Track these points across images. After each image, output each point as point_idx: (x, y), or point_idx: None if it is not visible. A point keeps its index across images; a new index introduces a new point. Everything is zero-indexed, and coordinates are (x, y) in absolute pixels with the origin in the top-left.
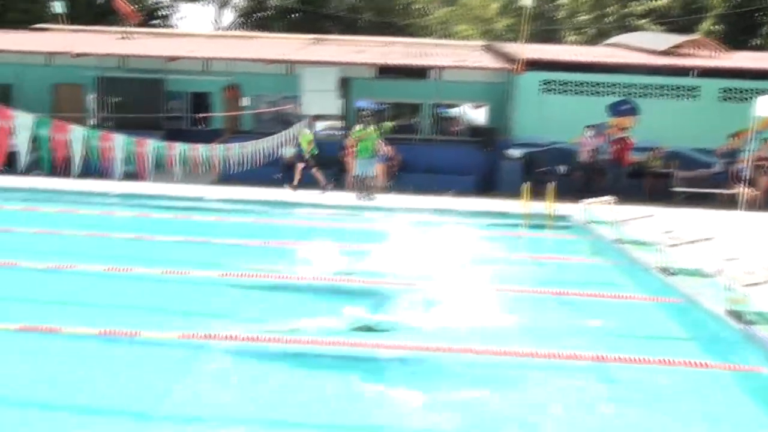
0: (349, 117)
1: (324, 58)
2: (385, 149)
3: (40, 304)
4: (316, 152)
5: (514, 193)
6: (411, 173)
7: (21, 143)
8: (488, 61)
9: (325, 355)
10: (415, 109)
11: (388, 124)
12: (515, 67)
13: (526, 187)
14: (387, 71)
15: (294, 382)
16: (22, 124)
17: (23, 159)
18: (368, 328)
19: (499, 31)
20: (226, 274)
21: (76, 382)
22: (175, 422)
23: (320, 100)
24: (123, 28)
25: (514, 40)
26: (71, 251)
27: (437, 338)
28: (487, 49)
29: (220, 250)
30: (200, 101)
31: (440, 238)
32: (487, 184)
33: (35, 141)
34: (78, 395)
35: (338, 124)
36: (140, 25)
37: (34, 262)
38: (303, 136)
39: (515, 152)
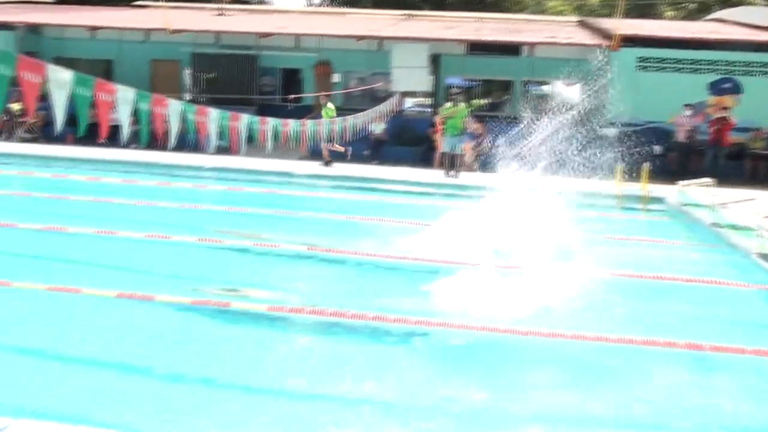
0: (439, 94)
1: (414, 35)
2: (475, 127)
3: (137, 273)
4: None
5: (607, 174)
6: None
7: (122, 117)
8: (582, 37)
9: (415, 333)
10: (505, 86)
11: (478, 102)
12: (610, 43)
13: (619, 167)
14: (478, 48)
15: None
16: (124, 98)
17: (124, 132)
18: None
19: (594, 6)
20: (311, 248)
21: (167, 349)
22: (270, 394)
23: (410, 76)
24: (219, 5)
25: (609, 15)
26: (165, 222)
27: (528, 322)
28: (581, 24)
29: (307, 224)
30: (291, 77)
31: (529, 219)
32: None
33: (135, 115)
34: (170, 361)
35: (427, 101)
36: (235, 1)
37: (132, 232)
38: (326, 110)
39: (609, 131)
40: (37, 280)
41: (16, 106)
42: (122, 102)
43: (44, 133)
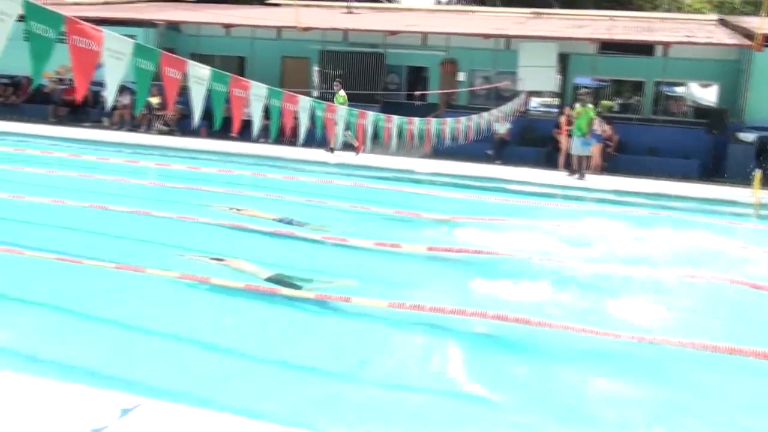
0: (566, 94)
1: (543, 33)
2: (603, 128)
3: (265, 265)
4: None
5: (743, 181)
6: (629, 154)
7: (255, 112)
8: (721, 36)
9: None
10: (636, 87)
11: (607, 103)
12: (754, 43)
13: (758, 174)
14: (609, 47)
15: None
16: (257, 95)
17: (256, 127)
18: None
19: (735, 4)
20: (431, 248)
21: (288, 340)
22: (375, 388)
23: (537, 76)
24: (347, 3)
25: (752, 13)
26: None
27: (667, 333)
28: (721, 23)
29: (427, 224)
30: (416, 75)
31: (658, 225)
32: (713, 170)
33: (267, 110)
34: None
35: (554, 100)
36: (364, 0)
37: (260, 226)
38: (337, 97)
39: (748, 136)
40: (167, 268)
41: (154, 100)
42: (255, 98)
43: (179, 126)
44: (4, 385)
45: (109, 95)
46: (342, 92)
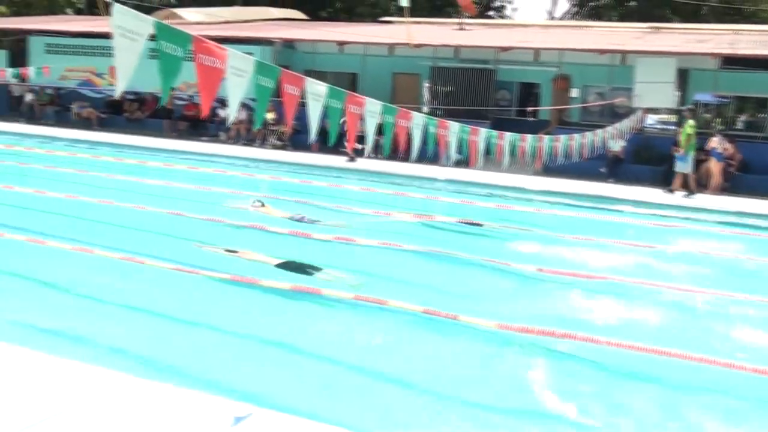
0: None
1: (661, 48)
2: (724, 146)
3: (372, 277)
4: None
5: None
6: (753, 174)
7: (368, 128)
8: None
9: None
10: (761, 103)
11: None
12: None
13: None
14: (732, 62)
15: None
16: (371, 111)
17: (369, 143)
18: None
19: None
20: (541, 270)
21: (393, 353)
22: (484, 410)
23: (655, 92)
24: (459, 20)
25: None
26: (399, 231)
27: None
28: None
29: (537, 241)
30: (528, 91)
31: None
32: None
33: (380, 126)
34: (390, 366)
35: (671, 118)
36: (476, 16)
37: (367, 239)
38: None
39: None
40: (279, 279)
41: (269, 116)
42: (369, 114)
43: (292, 141)
44: (123, 388)
45: (231, 111)
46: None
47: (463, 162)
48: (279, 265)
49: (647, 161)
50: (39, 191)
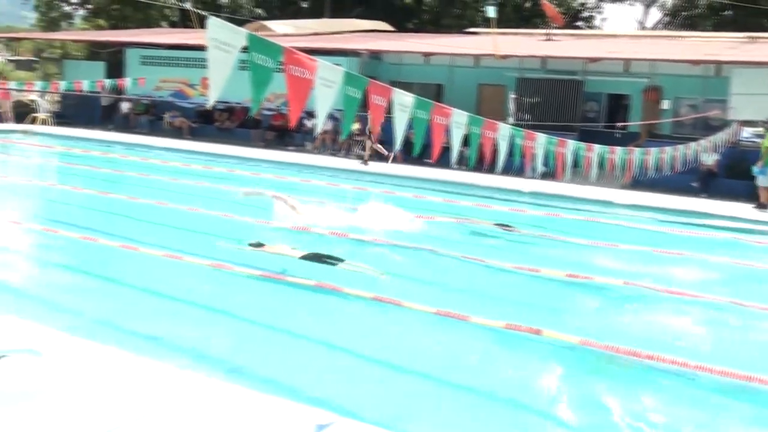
0: None
1: (759, 59)
2: None
3: (453, 292)
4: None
5: None
6: None
7: (454, 139)
8: None
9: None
10: None
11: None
12: None
13: None
14: None
15: None
16: (457, 122)
17: (454, 154)
18: None
19: None
20: (627, 282)
21: (476, 368)
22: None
23: (752, 104)
24: (546, 31)
25: None
26: (483, 245)
27: None
28: None
29: (625, 257)
30: (617, 103)
31: None
32: None
33: (466, 137)
34: (474, 380)
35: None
36: (563, 27)
37: (450, 251)
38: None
39: None
40: (363, 288)
41: (354, 126)
42: (455, 125)
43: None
44: (207, 392)
45: (319, 121)
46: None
47: (549, 174)
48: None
49: (742, 176)
50: (132, 198)
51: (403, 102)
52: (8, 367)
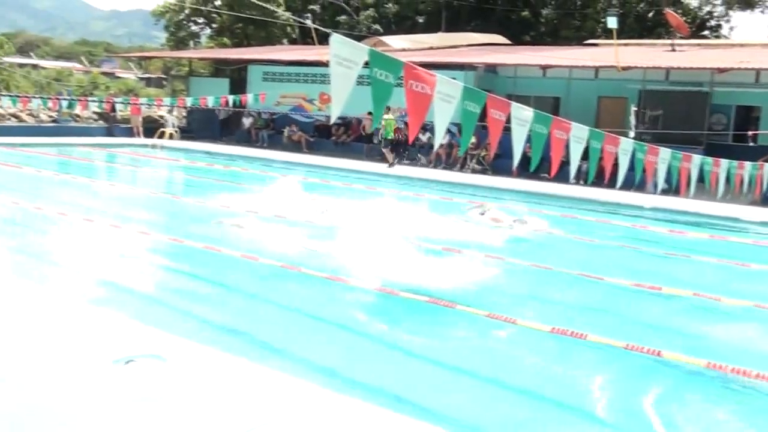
0: None
1: None
2: None
3: (570, 309)
4: (390, 136)
5: None
6: None
7: (573, 154)
8: None
9: None
10: None
11: None
12: None
13: None
14: None
15: None
16: (577, 136)
17: (573, 169)
18: None
19: None
20: (759, 305)
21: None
22: None
23: None
24: (670, 41)
25: None
26: (597, 261)
27: None
28: None
29: (758, 278)
30: (746, 115)
31: None
32: None
33: (585, 152)
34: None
35: None
36: (689, 36)
37: (564, 269)
38: (387, 121)
39: None
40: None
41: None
42: (575, 140)
43: (492, 165)
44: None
45: (438, 136)
46: (388, 115)
47: (672, 190)
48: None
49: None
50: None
51: (522, 116)
52: (134, 371)
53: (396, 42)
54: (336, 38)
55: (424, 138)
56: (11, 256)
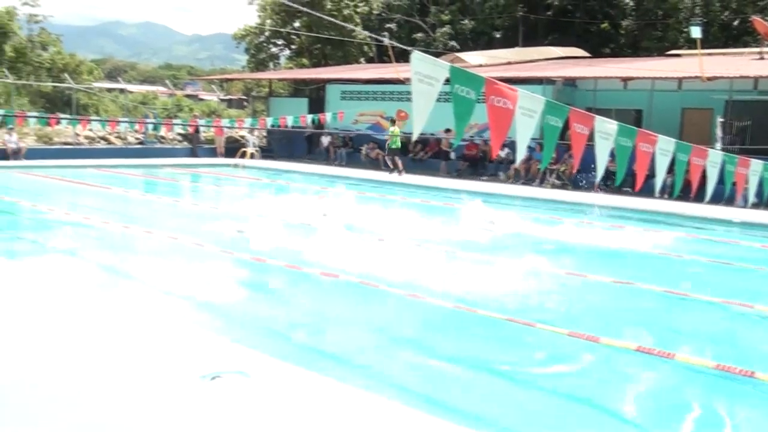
0: None
1: None
2: None
3: (656, 328)
4: (395, 146)
5: None
6: None
7: (659, 167)
8: None
9: None
10: None
11: None
12: None
13: None
14: None
15: None
16: (663, 149)
17: (658, 183)
18: None
19: None
20: None
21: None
22: None
23: None
24: (758, 49)
25: None
26: (687, 276)
27: None
28: None
29: None
30: None
31: None
32: None
33: (672, 165)
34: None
35: None
36: None
37: (652, 285)
38: (392, 131)
39: None
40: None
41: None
42: (660, 152)
43: (572, 180)
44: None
45: (519, 151)
46: (394, 127)
47: (763, 204)
48: None
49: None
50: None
51: (606, 129)
52: (220, 387)
53: (473, 58)
54: (417, 55)
55: (503, 153)
56: (101, 274)
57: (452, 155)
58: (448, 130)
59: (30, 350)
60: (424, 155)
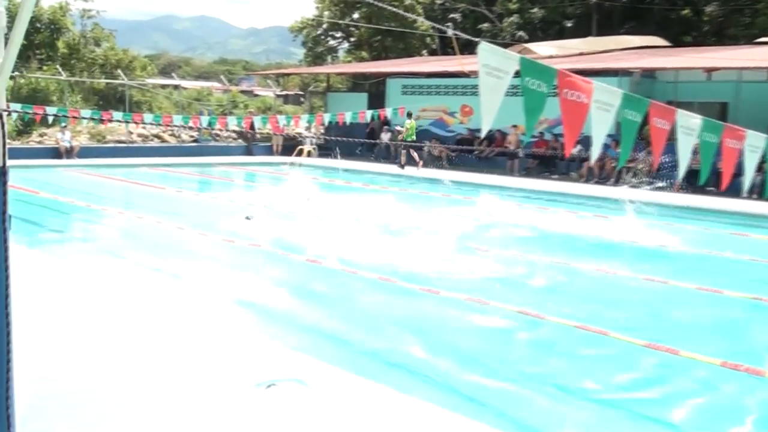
0: None
1: None
2: None
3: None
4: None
5: None
6: None
7: (748, 165)
8: None
9: None
10: None
11: None
12: None
13: None
14: None
15: None
16: (753, 146)
17: (747, 182)
18: None
19: None
20: None
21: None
22: None
23: None
24: None
25: None
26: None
27: None
28: None
29: None
30: None
31: None
32: None
33: (761, 163)
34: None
35: None
36: None
37: (736, 292)
38: (407, 124)
39: None
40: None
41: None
42: (750, 149)
43: (651, 178)
44: None
45: (595, 149)
46: (409, 120)
47: None
48: None
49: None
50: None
51: (689, 124)
52: (277, 395)
53: (543, 49)
54: (484, 47)
55: (574, 151)
56: (155, 276)
57: (520, 153)
58: (514, 126)
59: (88, 354)
60: (490, 152)
